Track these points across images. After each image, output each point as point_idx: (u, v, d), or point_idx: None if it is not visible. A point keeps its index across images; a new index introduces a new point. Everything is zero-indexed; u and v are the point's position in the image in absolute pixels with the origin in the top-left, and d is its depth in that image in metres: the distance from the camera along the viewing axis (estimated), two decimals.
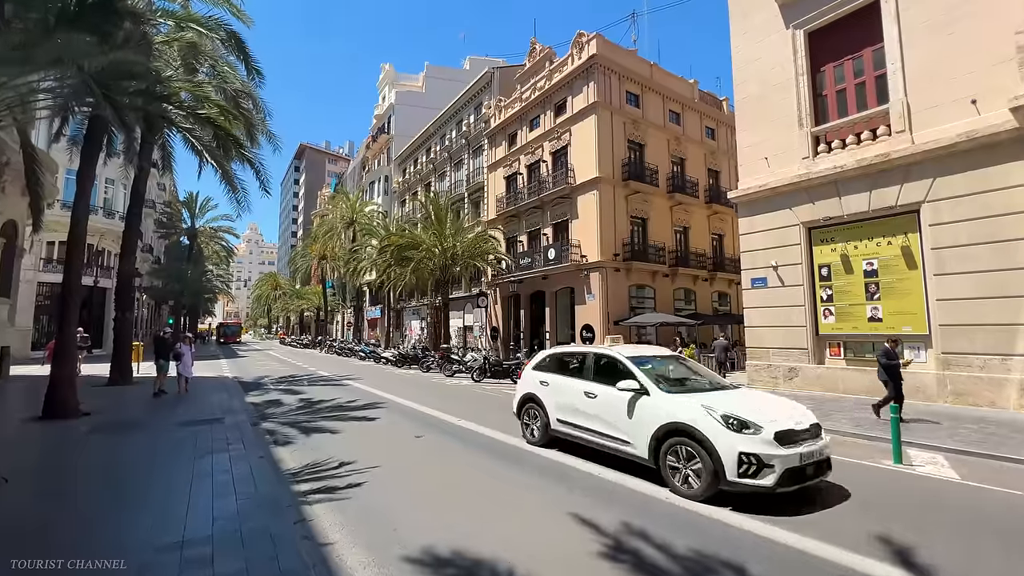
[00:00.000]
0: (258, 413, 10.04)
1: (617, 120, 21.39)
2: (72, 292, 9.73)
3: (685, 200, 23.34)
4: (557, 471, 5.85)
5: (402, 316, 39.71)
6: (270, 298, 77.75)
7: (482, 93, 30.91)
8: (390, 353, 24.57)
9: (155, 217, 42.22)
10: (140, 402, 11.32)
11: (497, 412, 10.34)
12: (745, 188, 14.43)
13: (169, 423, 8.64)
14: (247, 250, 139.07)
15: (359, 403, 11.34)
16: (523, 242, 24.87)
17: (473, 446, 7.14)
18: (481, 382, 16.36)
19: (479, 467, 6.09)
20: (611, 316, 19.89)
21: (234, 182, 15.55)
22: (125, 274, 15.02)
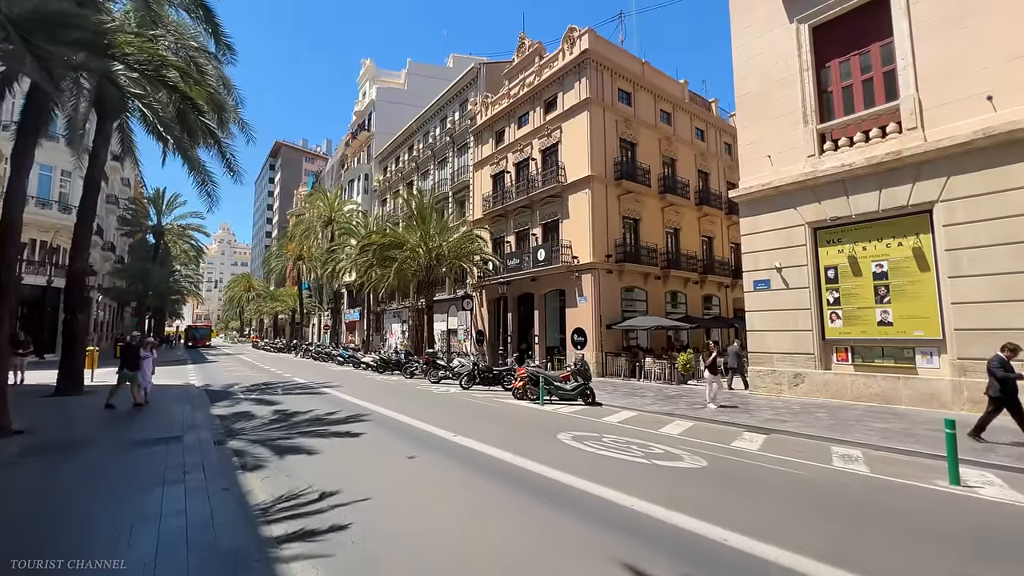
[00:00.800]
0: (225, 428, 8.89)
1: (609, 117, 20.79)
2: (5, 289, 8.43)
3: (676, 201, 22.91)
4: (599, 511, 4.99)
5: (382, 319, 38.36)
6: (243, 300, 74.88)
7: (468, 89, 30.01)
8: (371, 358, 23.36)
9: (118, 214, 39.84)
10: (88, 416, 10.01)
11: (496, 425, 9.44)
12: (747, 187, 13.92)
13: (117, 443, 7.45)
14: (219, 250, 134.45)
15: (340, 415, 10.28)
16: (511, 242, 24.03)
17: (480, 470, 6.22)
18: (470, 389, 15.41)
19: (497, 500, 5.17)
20: (603, 319, 19.20)
21: (201, 167, 14.37)
22: (77, 272, 13.55)
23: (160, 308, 45.96)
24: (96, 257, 35.33)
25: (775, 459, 6.82)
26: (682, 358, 16.27)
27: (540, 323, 21.99)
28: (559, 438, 8.03)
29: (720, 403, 11.41)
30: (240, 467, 6.36)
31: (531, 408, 11.69)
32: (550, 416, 10.65)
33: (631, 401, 12.59)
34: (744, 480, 5.82)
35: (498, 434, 8.40)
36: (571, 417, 10.46)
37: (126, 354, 10.90)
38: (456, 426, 9.03)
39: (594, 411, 11.31)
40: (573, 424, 9.51)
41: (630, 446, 7.44)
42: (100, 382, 16.14)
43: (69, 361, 13.16)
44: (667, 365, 17.04)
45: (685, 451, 7.18)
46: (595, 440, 7.85)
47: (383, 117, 43.41)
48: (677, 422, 9.78)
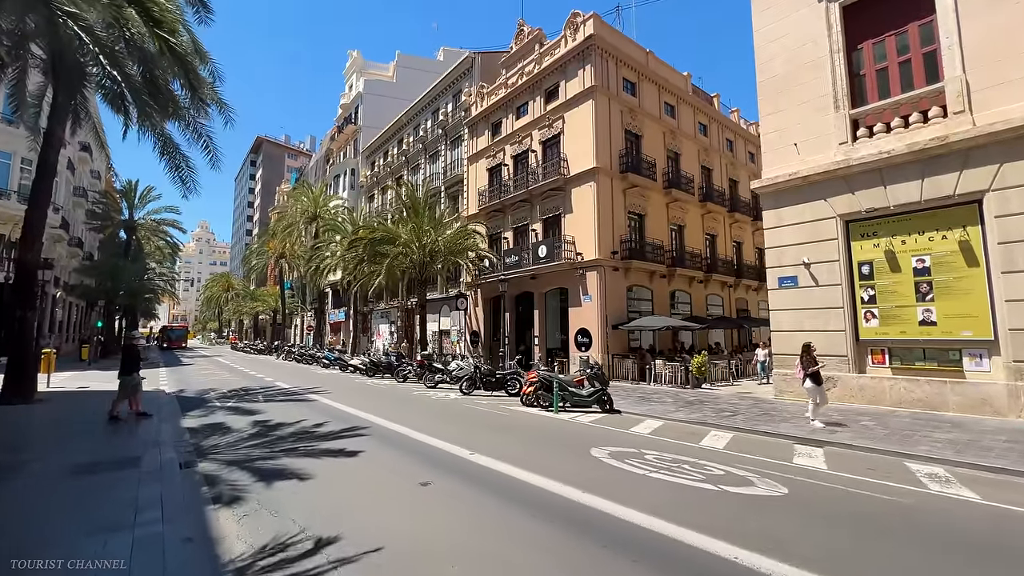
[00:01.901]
0: (195, 446, 7.53)
1: (615, 107, 19.79)
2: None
3: (681, 197, 22.03)
4: (695, 566, 3.84)
5: (369, 320, 36.81)
6: (222, 300, 72.15)
7: (462, 80, 28.78)
8: (359, 360, 21.93)
9: (87, 207, 37.56)
10: (29, 431, 8.54)
11: (514, 438, 8.26)
12: (772, 177, 13.00)
13: (54, 468, 6.06)
14: (197, 249, 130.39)
15: (332, 428, 8.97)
16: (508, 239, 22.86)
17: (515, 503, 4.99)
18: (471, 395, 14.20)
19: (551, 550, 3.97)
20: (609, 319, 18.14)
21: (174, 147, 12.91)
22: (27, 264, 11.95)
23: (132, 308, 43.55)
24: (62, 252, 33.08)
25: (855, 480, 5.79)
26: (697, 360, 15.29)
27: (540, 323, 20.85)
28: (594, 455, 6.88)
29: (820, 419, 9.00)
30: (211, 499, 5.06)
31: (546, 417, 10.53)
32: (571, 427, 9.50)
33: (651, 408, 11.53)
34: (844, 513, 4.74)
35: (521, 450, 7.22)
36: (595, 428, 9.32)
37: (127, 357, 9.57)
38: (469, 440, 7.82)
39: (615, 420, 10.20)
40: (601, 437, 8.37)
41: (681, 465, 6.33)
42: (57, 387, 14.51)
43: (18, 365, 11.56)
44: (679, 368, 16.06)
45: (747, 471, 6.10)
46: (637, 458, 6.71)
47: (371, 110, 41.86)
48: (714, 433, 8.72)
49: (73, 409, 10.96)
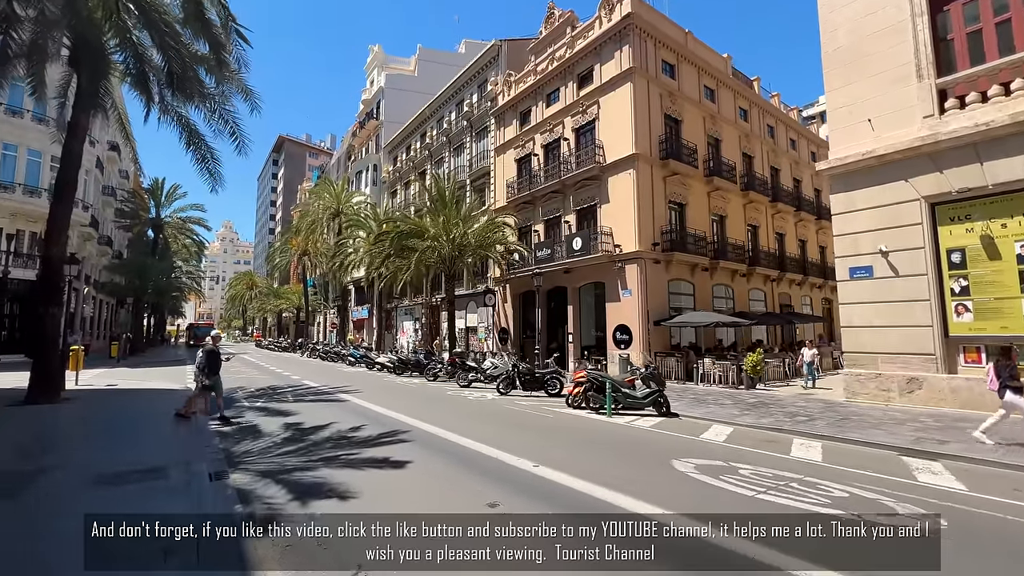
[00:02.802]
0: (225, 452, 6.83)
1: (653, 90, 18.66)
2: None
3: (723, 185, 20.77)
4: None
5: (393, 316, 36.33)
6: (245, 298, 72.90)
7: (487, 69, 27.90)
8: (386, 358, 21.31)
9: (116, 206, 37.92)
10: (51, 433, 7.98)
11: (577, 448, 7.36)
12: (841, 158, 11.78)
13: (76, 477, 5.40)
14: (221, 248, 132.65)
15: (369, 432, 8.20)
16: (539, 232, 21.93)
17: (623, 538, 4.10)
18: (509, 394, 13.34)
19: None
20: (650, 315, 17.07)
21: (199, 137, 12.36)
22: (53, 259, 11.49)
23: (160, 305, 44.05)
24: (92, 251, 33.38)
25: (1008, 506, 4.73)
26: (751, 359, 14.14)
27: (574, 320, 19.89)
28: (679, 469, 5.94)
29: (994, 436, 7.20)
30: (247, 519, 4.29)
31: (600, 421, 9.60)
32: (633, 433, 8.57)
33: (711, 411, 10.50)
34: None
35: (593, 462, 6.32)
36: (660, 434, 8.36)
37: (211, 360, 9.10)
38: (526, 449, 6.94)
39: (677, 425, 9.22)
40: (674, 446, 7.42)
41: (789, 484, 5.34)
42: (85, 385, 14.15)
43: (43, 363, 11.12)
44: (730, 367, 14.93)
45: (872, 492, 5.08)
46: (730, 473, 5.75)
47: (392, 105, 41.33)
48: (800, 442, 7.67)
49: (99, 409, 10.47)
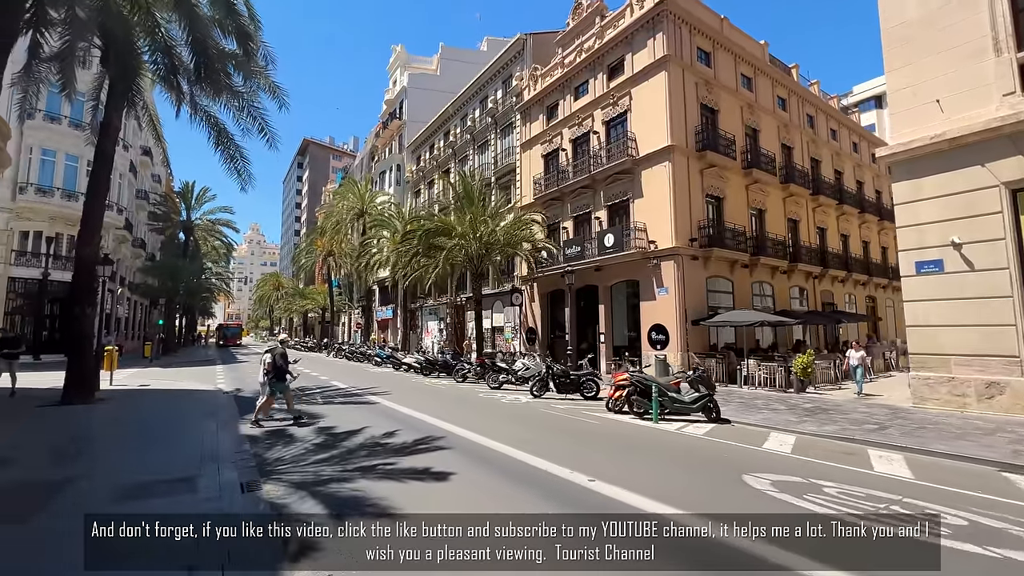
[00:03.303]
0: (257, 459, 6.48)
1: (689, 79, 17.83)
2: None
3: (762, 178, 19.77)
4: None
5: (417, 317, 36.16)
6: (272, 299, 74.22)
7: (512, 64, 27.38)
8: (413, 359, 21.00)
9: (149, 209, 38.84)
10: (85, 436, 7.79)
11: (631, 458, 6.77)
12: (905, 142, 10.85)
13: (102, 488, 5.09)
14: (248, 251, 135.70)
15: (404, 438, 7.76)
16: (568, 229, 21.30)
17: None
18: (542, 397, 12.79)
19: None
20: (689, 314, 16.27)
21: (227, 135, 12.20)
22: (86, 258, 11.47)
23: (191, 306, 44.98)
24: (126, 253, 34.21)
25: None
26: (801, 361, 13.25)
27: (606, 319, 19.20)
28: (753, 486, 5.30)
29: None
30: (283, 545, 3.86)
31: (647, 427, 8.97)
32: (687, 441, 7.92)
33: (766, 418, 9.75)
34: None
35: (653, 476, 5.73)
36: (717, 443, 7.69)
37: (277, 365, 9.06)
38: (575, 459, 6.38)
39: (732, 432, 8.52)
40: (737, 457, 6.76)
41: (889, 507, 4.65)
42: (119, 385, 14.20)
43: (77, 364, 11.08)
44: (777, 369, 14.06)
45: (993, 519, 4.36)
46: (814, 492, 5.08)
47: (415, 105, 41.22)
48: (879, 454, 6.90)
49: (132, 411, 10.35)
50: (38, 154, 25.33)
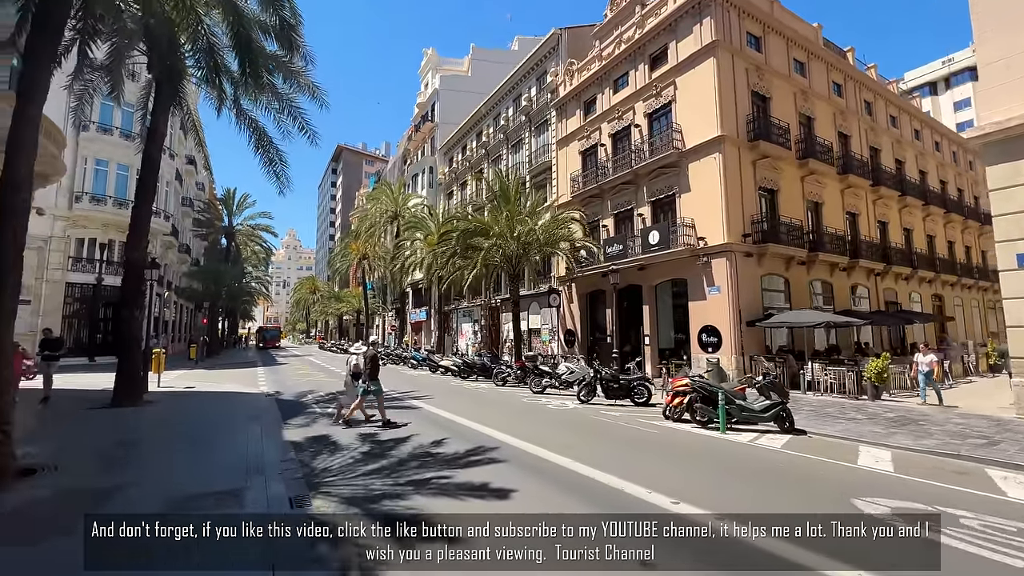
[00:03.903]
0: (304, 469, 6.12)
1: (739, 65, 16.82)
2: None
3: (818, 168, 18.48)
4: None
5: (450, 319, 35.99)
6: (308, 302, 76.05)
7: (546, 60, 26.82)
8: (450, 361, 20.66)
9: (193, 216, 40.23)
10: (134, 440, 7.65)
11: (711, 475, 6.08)
12: (1001, 121, 9.67)
13: (148, 499, 4.79)
14: (286, 255, 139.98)
15: (455, 448, 7.28)
16: (608, 227, 20.52)
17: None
18: (590, 403, 12.12)
19: None
20: (743, 315, 15.26)
21: (268, 140, 12.13)
22: (134, 262, 11.57)
23: (233, 309, 46.37)
24: (173, 258, 35.46)
25: None
26: (875, 365, 12.10)
27: (650, 320, 18.32)
28: (872, 514, 4.52)
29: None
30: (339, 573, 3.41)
31: (716, 439, 8.20)
32: (765, 455, 7.14)
33: (847, 428, 8.80)
34: None
35: (746, 500, 5.03)
36: (801, 459, 6.87)
37: (373, 365, 9.17)
38: (648, 476, 5.73)
39: (812, 445, 7.65)
40: (833, 475, 5.96)
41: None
42: (166, 387, 14.37)
43: (126, 367, 11.15)
44: (846, 374, 12.92)
45: None
46: (953, 526, 4.26)
47: (447, 106, 41.21)
48: (1002, 475, 5.97)
49: (178, 414, 10.33)
50: (92, 164, 26.41)
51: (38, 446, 6.95)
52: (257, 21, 11.03)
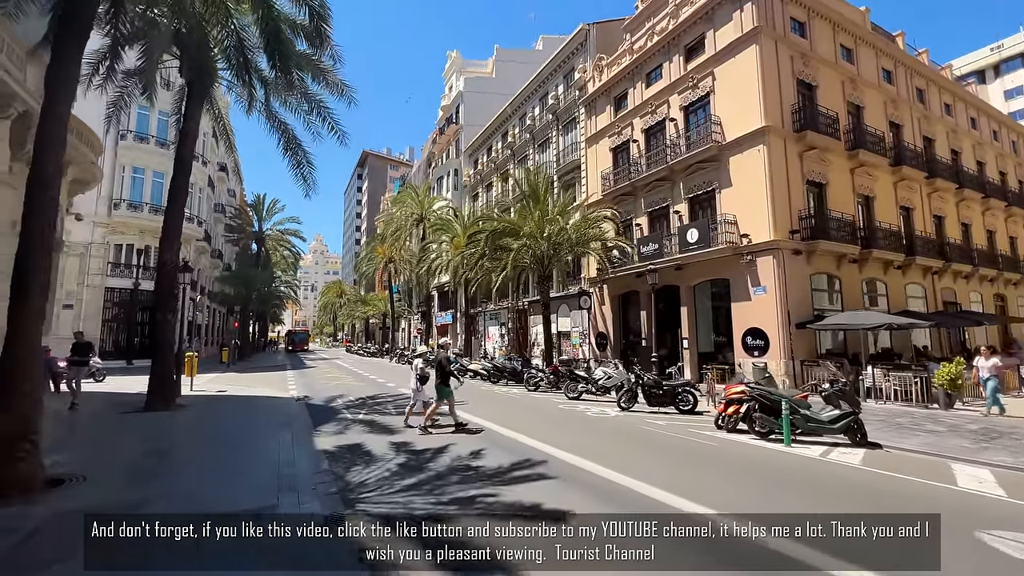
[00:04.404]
0: (338, 483, 5.70)
1: (783, 52, 15.89)
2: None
3: (868, 160, 17.32)
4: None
5: (476, 322, 35.62)
6: (335, 306, 77.07)
7: (574, 57, 26.22)
8: (479, 365, 20.23)
9: (225, 222, 41.09)
10: (166, 447, 7.39)
11: (791, 495, 5.36)
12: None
13: (180, 511, 4.40)
14: (313, 260, 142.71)
15: (498, 461, 6.75)
16: (642, 225, 19.75)
17: None
18: (631, 410, 11.44)
19: None
20: (792, 316, 14.30)
21: (295, 141, 11.96)
22: (167, 264, 11.49)
23: (263, 313, 47.18)
24: (206, 263, 36.20)
25: None
26: (947, 370, 11.03)
27: (689, 323, 17.46)
28: (1015, 556, 3.78)
29: None
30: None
31: (782, 453, 7.44)
32: (845, 473, 6.37)
33: (926, 442, 7.91)
34: None
35: (852, 530, 4.32)
36: (888, 479, 6.08)
37: (441, 369, 9.07)
38: (721, 498, 5.08)
39: (893, 461, 6.82)
40: (932, 499, 5.18)
41: None
42: (199, 391, 14.34)
43: (160, 371, 11.06)
44: (912, 380, 11.87)
45: None
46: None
47: (471, 108, 41.00)
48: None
49: (210, 420, 10.15)
50: (129, 172, 27.09)
51: (68, 453, 6.75)
52: (286, 19, 10.85)
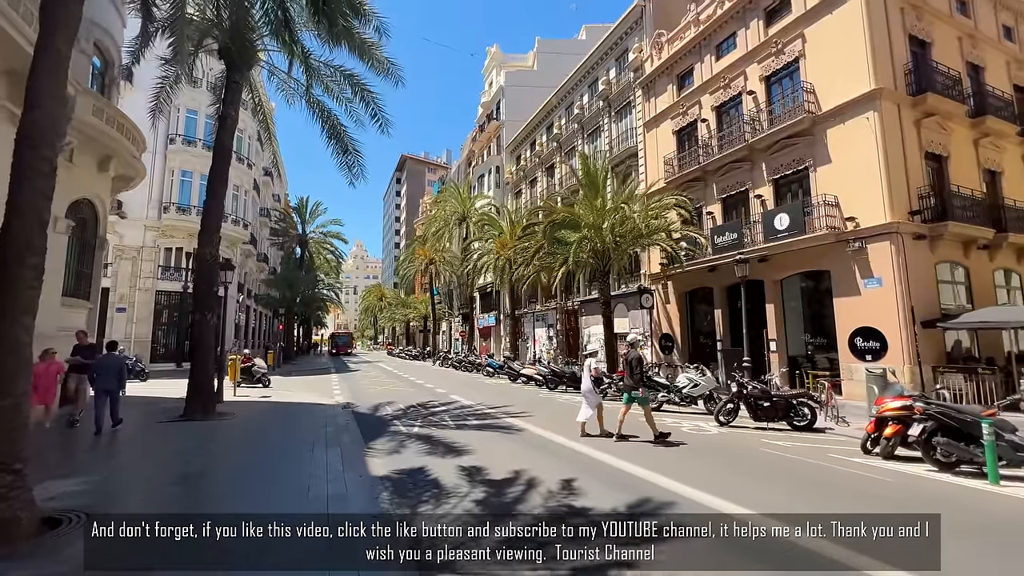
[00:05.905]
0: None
1: (892, 3, 13.54)
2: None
3: (994, 128, 14.65)
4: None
5: (521, 324, 34.06)
6: (376, 309, 77.49)
7: (627, 37, 24.32)
8: (532, 370, 18.61)
9: (270, 226, 41.44)
10: (202, 466, 6.16)
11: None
12: None
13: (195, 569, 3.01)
14: (354, 265, 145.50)
15: (605, 501, 5.11)
16: (714, 214, 17.65)
17: None
18: (731, 424, 9.54)
19: None
20: (916, 314, 11.93)
21: (340, 128, 10.82)
22: (204, 257, 10.53)
23: (307, 316, 47.39)
24: (251, 267, 36.41)
25: None
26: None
27: (776, 322, 15.24)
28: None
29: None
30: None
31: (991, 494, 5.45)
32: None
33: None
34: None
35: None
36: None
37: (632, 370, 8.27)
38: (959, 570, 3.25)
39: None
40: None
41: None
42: (242, 396, 13.41)
43: (198, 376, 10.06)
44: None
45: None
46: None
47: (512, 104, 39.62)
48: None
49: (251, 434, 9.02)
50: (178, 176, 27.19)
51: (84, 477, 5.61)
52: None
